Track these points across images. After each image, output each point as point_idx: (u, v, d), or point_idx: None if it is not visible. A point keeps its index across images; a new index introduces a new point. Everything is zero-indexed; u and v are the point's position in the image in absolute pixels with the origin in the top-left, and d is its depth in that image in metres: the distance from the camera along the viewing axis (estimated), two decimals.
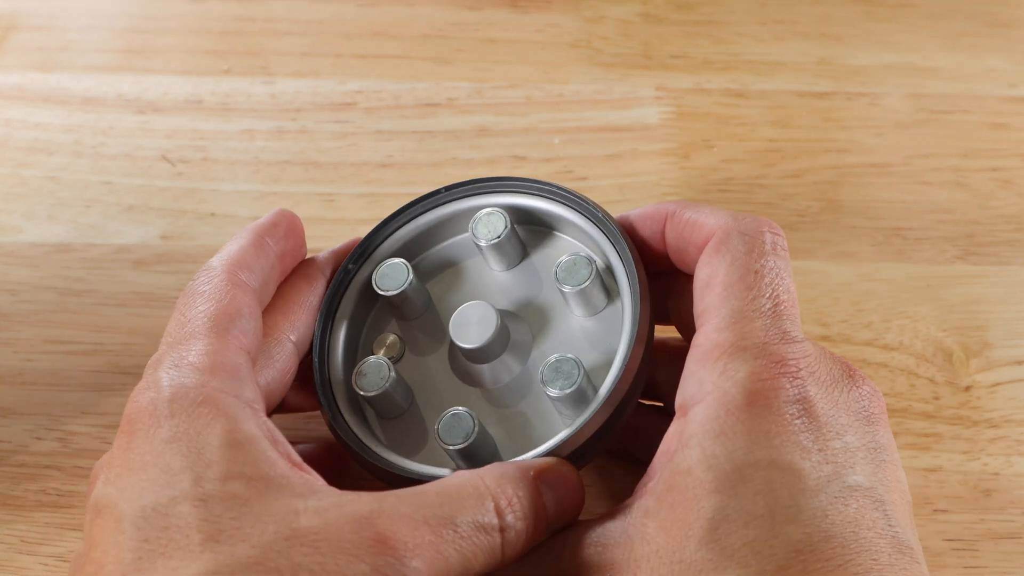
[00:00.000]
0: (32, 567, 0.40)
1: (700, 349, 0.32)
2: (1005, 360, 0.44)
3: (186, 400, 0.31)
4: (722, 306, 0.32)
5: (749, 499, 0.29)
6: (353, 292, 0.38)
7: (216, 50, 0.54)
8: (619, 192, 0.49)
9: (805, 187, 0.49)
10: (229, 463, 0.29)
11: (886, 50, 0.54)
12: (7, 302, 0.46)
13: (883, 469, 0.31)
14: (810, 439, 0.30)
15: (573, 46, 0.54)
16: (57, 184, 0.49)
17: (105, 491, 0.30)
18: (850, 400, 0.32)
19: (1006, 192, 0.49)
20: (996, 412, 0.43)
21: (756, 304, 0.32)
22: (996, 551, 0.40)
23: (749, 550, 0.28)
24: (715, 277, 0.33)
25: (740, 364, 0.31)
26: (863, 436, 0.31)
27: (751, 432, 0.30)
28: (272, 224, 0.37)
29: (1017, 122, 0.51)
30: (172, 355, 0.32)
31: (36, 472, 0.42)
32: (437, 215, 0.39)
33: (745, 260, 0.33)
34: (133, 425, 0.31)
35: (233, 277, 0.34)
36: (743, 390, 0.30)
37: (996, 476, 0.41)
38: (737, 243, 0.33)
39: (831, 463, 0.30)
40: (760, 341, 0.31)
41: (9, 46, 0.54)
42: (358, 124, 0.51)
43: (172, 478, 0.29)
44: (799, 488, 0.29)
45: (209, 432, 0.30)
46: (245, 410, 0.31)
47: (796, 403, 0.30)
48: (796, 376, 0.31)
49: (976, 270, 0.47)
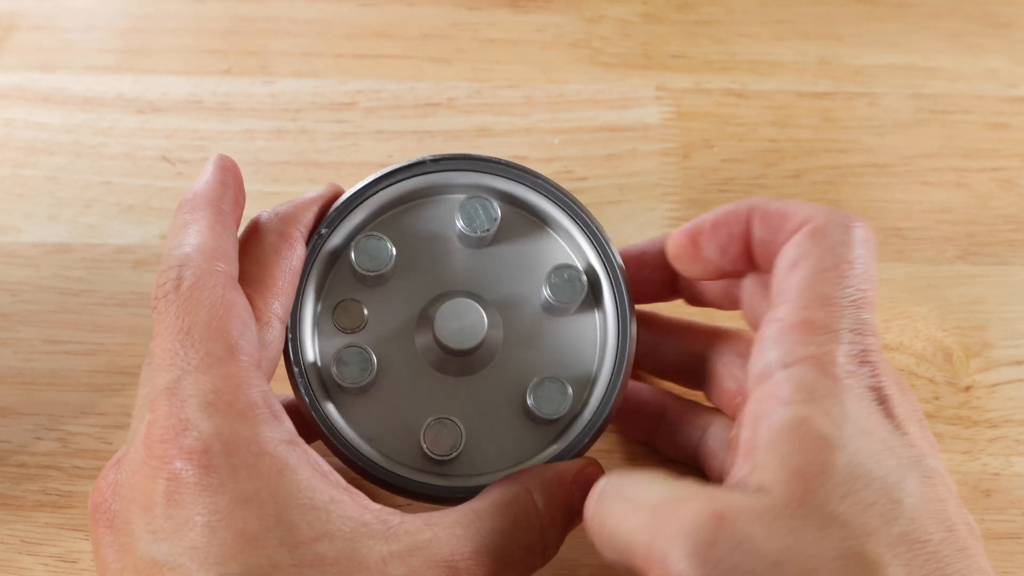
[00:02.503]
0: (32, 567, 0.40)
1: (785, 322, 0.32)
2: (1005, 360, 0.44)
3: (244, 453, 0.29)
4: (812, 287, 0.32)
5: (865, 458, 0.29)
6: (321, 257, 0.36)
7: (216, 50, 0.54)
8: (619, 192, 0.49)
9: (805, 187, 0.49)
10: (309, 524, 0.29)
11: (886, 50, 0.54)
12: (7, 302, 0.46)
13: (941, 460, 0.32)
14: (891, 425, 0.31)
15: (573, 46, 0.54)
16: (57, 184, 0.49)
17: (161, 548, 0.28)
18: (909, 402, 0.33)
19: (1006, 192, 0.49)
20: (996, 412, 0.43)
21: (846, 293, 0.32)
22: (996, 551, 0.40)
23: (872, 513, 0.28)
24: (805, 260, 0.32)
25: (831, 343, 0.31)
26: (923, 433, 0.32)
27: (846, 402, 0.30)
28: (223, 185, 0.34)
29: (1017, 122, 0.51)
30: (197, 388, 0.30)
31: (36, 472, 0.42)
32: (416, 183, 0.37)
33: (840, 249, 0.32)
34: (179, 474, 0.29)
35: (221, 274, 0.32)
36: (835, 363, 0.30)
37: (996, 476, 0.41)
38: (834, 231, 0.33)
39: (913, 447, 0.30)
40: (847, 327, 0.31)
41: (9, 46, 0.54)
42: (358, 124, 0.51)
43: (254, 545, 0.28)
44: (897, 463, 0.29)
45: (279, 490, 0.29)
46: (294, 452, 0.30)
47: (874, 391, 0.31)
48: (876, 367, 0.31)
49: (976, 270, 0.47)
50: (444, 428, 0.34)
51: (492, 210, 0.36)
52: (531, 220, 0.38)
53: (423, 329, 0.36)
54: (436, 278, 0.36)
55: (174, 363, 0.30)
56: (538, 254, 0.37)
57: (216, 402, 0.29)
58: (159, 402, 0.30)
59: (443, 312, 0.35)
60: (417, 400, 0.35)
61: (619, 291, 0.36)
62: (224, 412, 0.29)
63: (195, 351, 0.30)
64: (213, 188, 0.34)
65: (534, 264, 0.37)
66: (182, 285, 0.31)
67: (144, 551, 0.29)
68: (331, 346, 0.36)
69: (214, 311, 0.31)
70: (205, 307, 0.31)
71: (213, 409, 0.29)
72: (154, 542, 0.28)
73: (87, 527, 0.40)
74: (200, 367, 0.30)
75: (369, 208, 0.37)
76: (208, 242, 0.32)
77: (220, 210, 0.33)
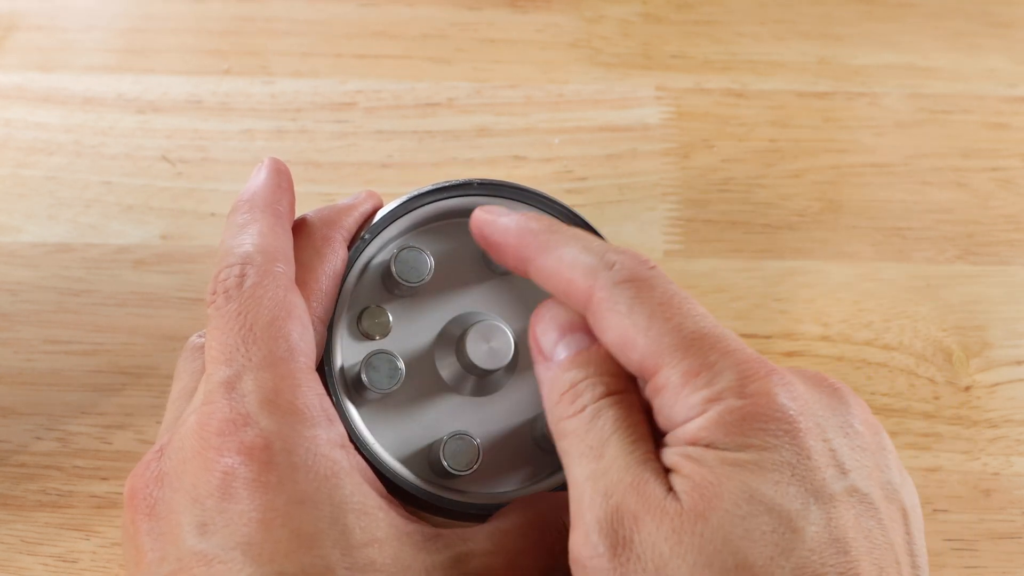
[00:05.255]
0: (32, 567, 0.40)
1: (669, 388, 0.29)
2: (1005, 360, 0.44)
3: (303, 453, 0.29)
4: (660, 347, 0.29)
5: (763, 484, 0.27)
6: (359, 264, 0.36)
7: (216, 50, 0.54)
8: (619, 192, 0.49)
9: (805, 187, 0.49)
10: (361, 528, 0.29)
11: (886, 50, 0.54)
12: (7, 302, 0.46)
13: (877, 468, 0.30)
14: (807, 439, 0.28)
15: (573, 46, 0.54)
16: (57, 184, 0.49)
17: (211, 541, 0.28)
18: (836, 405, 0.30)
19: (1006, 192, 0.49)
20: (996, 412, 0.43)
21: (690, 326, 0.29)
22: (996, 551, 0.40)
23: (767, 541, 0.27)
24: (629, 333, 0.29)
25: (722, 377, 0.28)
26: (852, 450, 0.29)
27: (757, 432, 0.28)
28: (278, 188, 0.34)
29: (1017, 122, 0.51)
30: (256, 384, 0.30)
31: (36, 472, 0.42)
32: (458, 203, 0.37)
33: (645, 301, 0.29)
34: (235, 468, 0.29)
35: (282, 275, 0.32)
36: (739, 394, 0.28)
37: (996, 476, 0.41)
38: (626, 293, 0.30)
39: (827, 467, 0.28)
40: (724, 359, 0.29)
41: (9, 46, 0.54)
42: (358, 124, 0.51)
43: (310, 545, 0.28)
44: (803, 488, 0.27)
45: (335, 493, 0.29)
46: (346, 457, 0.30)
47: (791, 401, 0.28)
48: (783, 378, 0.29)
49: (976, 270, 0.47)
50: (463, 443, 0.34)
51: None
52: None
53: (444, 346, 0.36)
54: (459, 298, 0.36)
55: (234, 358, 0.30)
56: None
57: (277, 400, 0.29)
58: (216, 395, 0.30)
59: (473, 333, 0.35)
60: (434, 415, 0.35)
61: None
62: (285, 411, 0.29)
63: (257, 349, 0.30)
64: (271, 190, 0.34)
65: None
66: (245, 282, 0.31)
67: (191, 543, 0.28)
68: (352, 351, 0.36)
69: (276, 311, 0.31)
70: (267, 306, 0.31)
71: (274, 407, 0.29)
72: (203, 534, 0.28)
73: (87, 527, 0.40)
74: (261, 365, 0.30)
75: (407, 220, 0.37)
76: (270, 243, 0.32)
77: (278, 212, 0.34)
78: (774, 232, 0.48)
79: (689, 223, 0.48)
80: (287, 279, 0.32)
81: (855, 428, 0.30)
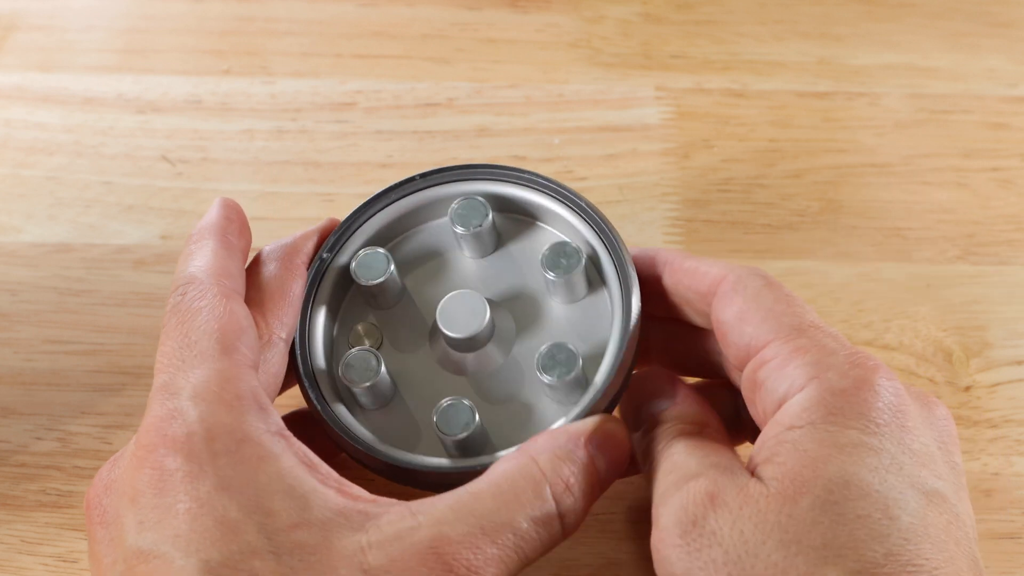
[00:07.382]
0: (32, 567, 0.40)
1: (778, 358, 0.32)
2: (1005, 360, 0.44)
3: (226, 439, 0.30)
4: (778, 325, 0.32)
5: (861, 469, 0.29)
6: (328, 280, 0.37)
7: (216, 50, 0.54)
8: (619, 192, 0.49)
9: (805, 187, 0.49)
10: (289, 511, 0.29)
11: (886, 50, 0.54)
12: (7, 302, 0.46)
13: (961, 487, 0.31)
14: (907, 435, 0.30)
15: (573, 46, 0.54)
16: (57, 184, 0.49)
17: (146, 538, 0.29)
18: (933, 420, 0.32)
19: (1006, 192, 0.49)
20: (996, 412, 0.43)
21: (809, 318, 0.33)
22: (996, 551, 0.40)
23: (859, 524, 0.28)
24: (750, 310, 0.33)
25: (832, 358, 0.31)
26: (944, 455, 0.32)
27: (859, 417, 0.30)
28: (227, 220, 0.36)
29: (1017, 122, 0.51)
30: (187, 381, 0.31)
31: (36, 472, 0.42)
32: (411, 202, 0.39)
33: (772, 290, 0.33)
34: (162, 462, 0.30)
35: (223, 288, 0.33)
36: (845, 376, 0.30)
37: (996, 476, 0.41)
38: (755, 281, 0.34)
39: (924, 467, 0.30)
40: (835, 344, 0.32)
41: (9, 46, 0.54)
42: (358, 124, 0.51)
43: (234, 531, 0.28)
44: (900, 480, 0.29)
45: (260, 477, 0.29)
46: (280, 442, 0.31)
47: (894, 395, 0.31)
48: (888, 373, 0.31)
49: (976, 270, 0.47)
50: (454, 408, 0.34)
51: (482, 207, 0.37)
52: (527, 221, 0.39)
53: (435, 338, 0.37)
54: (446, 292, 0.37)
55: (171, 363, 0.32)
56: (538, 248, 0.38)
57: (204, 393, 0.30)
58: (153, 399, 0.31)
59: (444, 306, 0.36)
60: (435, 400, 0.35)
61: (616, 255, 0.36)
62: (210, 401, 0.30)
63: (190, 351, 0.31)
64: (219, 221, 0.36)
65: (535, 259, 0.38)
66: (184, 300, 0.33)
67: (131, 541, 0.29)
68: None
69: (211, 315, 0.32)
70: (204, 315, 0.32)
71: (200, 400, 0.30)
72: (141, 532, 0.29)
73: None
74: (194, 364, 0.31)
75: (371, 231, 0.38)
76: (212, 263, 0.34)
77: (226, 239, 0.35)
78: (774, 232, 0.48)
79: (689, 223, 0.48)
80: (228, 290, 0.33)
81: (946, 444, 0.32)
